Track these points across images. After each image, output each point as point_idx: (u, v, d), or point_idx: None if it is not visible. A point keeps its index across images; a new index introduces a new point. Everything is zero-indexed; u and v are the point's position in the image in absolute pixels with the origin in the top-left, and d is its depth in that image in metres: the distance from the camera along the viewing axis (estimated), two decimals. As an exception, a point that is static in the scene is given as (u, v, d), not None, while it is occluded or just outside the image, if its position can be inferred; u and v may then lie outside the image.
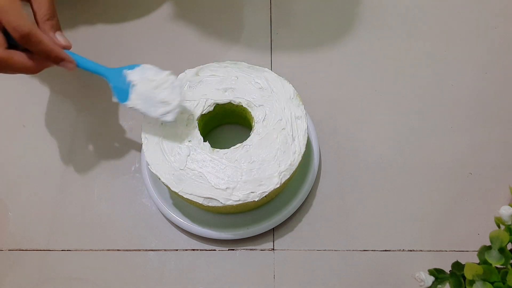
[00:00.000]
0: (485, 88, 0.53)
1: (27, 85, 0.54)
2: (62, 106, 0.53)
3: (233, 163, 0.40)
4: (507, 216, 0.32)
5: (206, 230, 0.44)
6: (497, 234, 0.32)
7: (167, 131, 0.42)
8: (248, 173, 0.40)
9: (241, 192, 0.39)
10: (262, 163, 0.40)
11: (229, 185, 0.39)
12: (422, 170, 0.48)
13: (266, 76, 0.44)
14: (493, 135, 0.50)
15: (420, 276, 0.33)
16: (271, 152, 0.41)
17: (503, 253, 0.31)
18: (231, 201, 0.39)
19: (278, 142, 0.41)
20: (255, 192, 0.39)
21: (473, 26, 0.57)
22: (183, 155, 0.41)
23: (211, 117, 0.45)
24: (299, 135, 0.41)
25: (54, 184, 0.48)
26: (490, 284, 0.30)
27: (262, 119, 0.42)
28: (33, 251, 0.45)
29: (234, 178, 0.40)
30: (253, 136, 0.42)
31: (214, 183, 0.39)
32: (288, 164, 0.40)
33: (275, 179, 0.40)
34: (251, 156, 0.41)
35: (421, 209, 0.46)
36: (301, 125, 0.42)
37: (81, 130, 0.51)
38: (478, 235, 0.45)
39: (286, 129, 0.41)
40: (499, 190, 0.47)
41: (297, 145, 0.41)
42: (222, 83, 0.44)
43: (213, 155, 0.41)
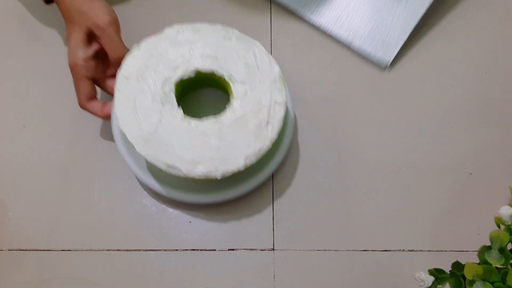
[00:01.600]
0: (485, 88, 0.52)
1: (27, 85, 0.54)
2: (62, 106, 0.53)
3: (203, 137, 0.39)
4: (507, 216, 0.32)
5: (174, 192, 0.44)
6: (497, 234, 0.32)
7: (142, 88, 0.40)
8: (216, 150, 0.39)
9: (205, 167, 0.38)
10: (232, 143, 0.39)
11: (194, 158, 0.38)
12: (422, 170, 0.48)
13: (254, 52, 0.42)
14: (493, 135, 0.50)
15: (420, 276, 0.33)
16: (242, 134, 0.40)
17: (503, 253, 0.31)
18: (194, 174, 0.38)
19: (252, 125, 0.40)
20: (218, 170, 0.38)
21: (473, 26, 0.57)
22: (154, 118, 0.39)
23: (191, 82, 0.43)
24: (274, 122, 0.40)
25: (54, 184, 0.48)
26: (490, 284, 0.30)
27: (241, 97, 0.41)
28: (33, 251, 0.45)
29: (201, 152, 0.39)
30: (228, 113, 0.40)
31: (180, 153, 0.39)
32: (256, 149, 0.39)
33: (240, 161, 0.39)
34: (223, 134, 0.40)
35: (421, 209, 0.46)
36: (279, 112, 0.40)
37: (81, 130, 0.51)
38: (478, 235, 0.45)
39: (263, 113, 0.40)
40: (499, 190, 0.47)
41: (269, 132, 0.40)
42: (208, 49, 0.42)
43: (185, 124, 0.40)
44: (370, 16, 0.52)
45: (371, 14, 0.52)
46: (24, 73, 0.55)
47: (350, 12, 0.52)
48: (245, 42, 0.42)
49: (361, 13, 0.52)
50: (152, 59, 0.41)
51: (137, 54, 0.42)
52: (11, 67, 0.56)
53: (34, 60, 0.56)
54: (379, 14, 0.52)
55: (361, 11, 0.52)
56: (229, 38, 0.42)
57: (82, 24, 0.44)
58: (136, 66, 0.41)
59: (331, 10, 0.52)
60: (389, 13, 0.52)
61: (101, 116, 0.45)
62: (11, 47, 0.57)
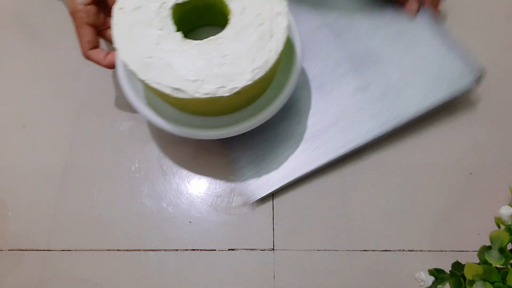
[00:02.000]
0: (485, 88, 0.52)
1: (27, 85, 0.54)
2: (62, 106, 0.53)
3: (204, 55, 0.38)
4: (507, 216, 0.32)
5: (180, 128, 0.42)
6: (497, 234, 0.32)
7: (138, 18, 0.40)
8: (219, 67, 0.38)
9: (210, 85, 0.37)
10: (235, 58, 0.38)
11: (198, 77, 0.37)
12: (422, 170, 0.48)
13: None
14: (493, 135, 0.50)
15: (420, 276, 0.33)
16: (245, 47, 0.38)
17: (503, 253, 0.31)
18: (200, 93, 0.37)
19: (254, 38, 0.39)
20: (226, 86, 0.37)
21: (473, 26, 0.56)
22: (152, 43, 0.39)
23: (187, 11, 0.42)
24: (277, 32, 0.39)
25: (54, 184, 0.48)
26: (490, 284, 0.30)
27: (240, 13, 0.40)
28: (33, 251, 0.45)
29: (204, 70, 0.38)
30: (228, 29, 0.39)
31: (182, 73, 0.38)
32: (262, 61, 0.38)
33: (247, 75, 0.37)
34: (224, 49, 0.39)
35: (421, 209, 0.46)
36: (281, 22, 0.39)
37: (81, 130, 0.51)
38: (478, 235, 0.45)
39: (264, 25, 0.39)
40: (499, 190, 0.47)
41: (274, 43, 0.39)
42: None
43: (184, 45, 0.39)
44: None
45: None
46: (24, 73, 0.55)
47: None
48: None
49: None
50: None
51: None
52: (11, 67, 0.56)
53: (34, 60, 0.56)
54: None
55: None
56: None
57: None
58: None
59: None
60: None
61: (104, 65, 0.45)
62: (11, 47, 0.57)
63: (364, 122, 0.47)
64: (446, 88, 0.46)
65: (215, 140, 0.48)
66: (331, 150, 0.47)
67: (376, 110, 0.47)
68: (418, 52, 0.49)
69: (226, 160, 0.48)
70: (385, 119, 0.47)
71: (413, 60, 0.49)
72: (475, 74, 0.44)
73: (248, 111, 0.44)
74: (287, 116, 0.49)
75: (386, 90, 0.48)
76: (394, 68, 0.49)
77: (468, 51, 0.46)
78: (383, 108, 0.47)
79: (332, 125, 0.48)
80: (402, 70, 0.48)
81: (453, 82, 0.46)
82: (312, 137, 0.48)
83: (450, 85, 0.46)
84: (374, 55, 0.50)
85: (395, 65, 0.49)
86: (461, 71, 0.46)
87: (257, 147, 0.48)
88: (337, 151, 0.46)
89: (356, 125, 0.47)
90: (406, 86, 0.48)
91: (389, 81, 0.48)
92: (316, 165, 0.46)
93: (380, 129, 0.47)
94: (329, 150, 0.47)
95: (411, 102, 0.47)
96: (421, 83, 0.48)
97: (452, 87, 0.46)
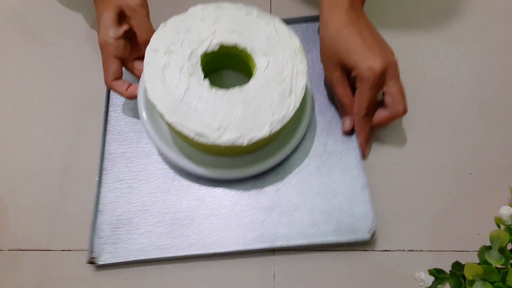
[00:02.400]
0: (485, 88, 0.53)
1: (27, 85, 0.54)
2: (62, 106, 0.53)
3: (229, 105, 0.41)
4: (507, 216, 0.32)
5: (193, 165, 0.45)
6: (497, 234, 0.32)
7: (169, 61, 0.42)
8: (242, 117, 0.40)
9: (232, 134, 0.39)
10: (257, 110, 0.41)
11: (221, 125, 0.40)
12: (422, 170, 0.48)
13: (275, 25, 0.44)
14: (493, 135, 0.50)
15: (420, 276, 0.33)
16: (267, 101, 0.41)
17: (503, 253, 0.31)
18: (221, 140, 0.39)
19: (276, 93, 0.41)
20: (245, 136, 0.40)
21: (473, 26, 0.57)
22: (182, 88, 0.41)
23: (214, 57, 0.44)
24: (296, 90, 0.42)
25: (54, 184, 0.48)
26: (490, 284, 0.30)
27: (264, 67, 0.42)
28: (33, 251, 0.45)
29: (227, 119, 0.40)
30: (253, 82, 0.42)
31: (208, 120, 0.40)
32: (281, 116, 0.41)
33: (266, 127, 0.40)
34: (248, 101, 0.41)
35: (421, 209, 0.46)
36: (301, 81, 0.42)
37: (81, 130, 0.51)
38: (478, 235, 0.45)
39: (286, 82, 0.42)
40: (499, 190, 0.47)
41: (293, 100, 0.41)
42: (231, 24, 0.44)
43: (211, 93, 0.41)
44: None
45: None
46: (24, 73, 0.55)
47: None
48: (266, 18, 0.45)
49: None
50: (178, 34, 0.43)
51: (165, 30, 0.44)
52: (11, 67, 0.56)
53: (34, 60, 0.56)
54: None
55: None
56: (250, 14, 0.44)
57: (113, 3, 0.45)
58: (163, 41, 0.43)
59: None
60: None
61: (126, 96, 0.46)
62: (11, 47, 0.57)
63: (249, 231, 0.44)
64: (343, 233, 0.43)
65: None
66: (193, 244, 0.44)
67: (267, 223, 0.45)
68: (333, 177, 0.46)
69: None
70: (266, 234, 0.44)
71: (326, 183, 0.46)
72: (371, 231, 0.43)
73: (257, 155, 0.46)
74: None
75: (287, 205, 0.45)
76: (307, 184, 0.46)
77: (372, 202, 0.45)
78: (270, 223, 0.44)
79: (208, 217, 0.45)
80: (312, 190, 0.46)
81: (350, 230, 0.44)
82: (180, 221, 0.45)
83: (347, 232, 0.43)
84: (296, 166, 0.47)
85: (310, 182, 0.46)
86: (362, 222, 0.44)
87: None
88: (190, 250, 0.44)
89: (234, 229, 0.44)
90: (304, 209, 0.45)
91: (292, 199, 0.45)
92: (175, 253, 0.44)
93: (251, 245, 0.43)
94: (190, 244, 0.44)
95: (303, 230, 0.44)
96: (322, 213, 0.45)
97: (349, 235, 0.43)
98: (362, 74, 0.43)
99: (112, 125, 0.50)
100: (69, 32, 0.58)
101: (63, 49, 0.56)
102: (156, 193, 0.46)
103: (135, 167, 0.48)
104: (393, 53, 0.46)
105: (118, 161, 0.48)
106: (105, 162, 0.48)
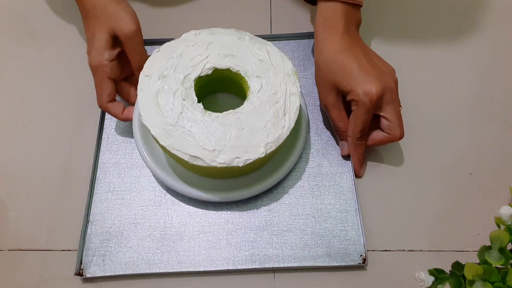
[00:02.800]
0: (485, 88, 0.53)
1: (27, 85, 0.54)
2: (62, 106, 0.53)
3: (223, 127, 0.41)
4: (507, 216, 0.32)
5: (189, 188, 0.44)
6: (497, 234, 0.32)
7: (163, 86, 0.42)
8: (236, 139, 0.40)
9: (227, 155, 0.40)
10: (251, 132, 0.41)
11: (216, 147, 0.40)
12: (422, 170, 0.48)
13: (267, 49, 0.44)
14: (493, 135, 0.50)
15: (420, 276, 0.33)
16: (261, 123, 0.41)
17: (503, 253, 0.31)
18: (216, 162, 0.39)
19: (270, 114, 0.41)
20: (240, 158, 0.40)
21: (473, 26, 0.57)
22: (176, 112, 0.41)
23: (208, 81, 0.44)
24: (290, 111, 0.42)
25: (54, 184, 0.48)
26: (490, 284, 0.30)
27: (258, 90, 0.42)
28: (33, 251, 0.45)
29: (222, 141, 0.40)
30: (247, 104, 0.42)
31: (202, 143, 0.40)
32: (276, 136, 0.41)
33: (261, 148, 0.40)
34: (242, 123, 0.41)
35: (421, 210, 0.46)
36: (294, 102, 0.42)
37: (81, 130, 0.51)
38: (478, 235, 0.45)
39: (279, 103, 0.42)
40: (499, 190, 0.47)
41: (287, 120, 0.41)
42: (223, 48, 0.44)
43: (205, 117, 0.41)
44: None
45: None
46: (24, 73, 0.55)
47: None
48: (258, 42, 0.45)
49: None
50: (172, 60, 0.43)
51: (158, 56, 0.44)
52: (11, 67, 0.56)
53: (34, 60, 0.56)
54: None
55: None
56: (242, 39, 0.45)
57: (107, 25, 0.44)
58: (157, 66, 0.43)
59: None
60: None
61: (121, 119, 0.46)
62: (11, 47, 0.57)
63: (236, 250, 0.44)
64: (334, 257, 0.43)
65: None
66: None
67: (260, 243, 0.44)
68: (326, 200, 0.46)
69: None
70: (256, 254, 0.44)
71: (319, 205, 0.46)
72: (362, 257, 0.43)
73: (252, 177, 0.46)
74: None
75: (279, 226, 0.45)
76: (300, 205, 0.46)
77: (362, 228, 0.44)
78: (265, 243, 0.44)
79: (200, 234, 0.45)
80: (304, 212, 0.45)
81: (342, 254, 0.43)
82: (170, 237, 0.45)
83: (338, 256, 0.43)
84: (289, 186, 0.47)
85: (302, 203, 0.46)
86: (353, 247, 0.43)
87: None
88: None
89: (224, 247, 0.44)
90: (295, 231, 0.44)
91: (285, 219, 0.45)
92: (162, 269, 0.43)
93: (241, 265, 0.43)
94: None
95: (294, 252, 0.43)
96: (314, 236, 0.44)
97: (340, 260, 0.43)
98: (358, 99, 0.43)
99: (106, 134, 0.50)
100: (69, 32, 0.58)
101: (63, 49, 0.56)
102: (147, 206, 0.46)
103: (127, 178, 0.48)
104: (392, 73, 0.45)
105: (111, 171, 0.48)
106: (98, 171, 0.48)
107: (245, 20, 0.58)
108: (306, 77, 0.53)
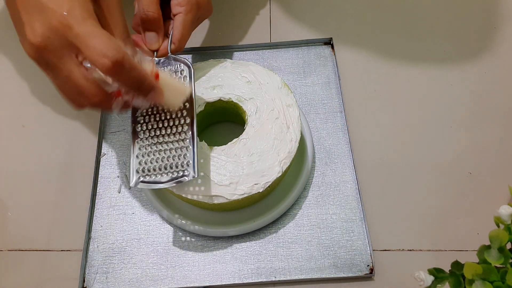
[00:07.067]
0: (485, 88, 0.53)
1: (27, 85, 0.54)
2: (62, 106, 0.53)
3: (233, 158, 0.40)
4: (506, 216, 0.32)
5: (207, 228, 0.43)
6: (496, 233, 0.32)
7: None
8: (249, 166, 0.40)
9: (245, 185, 0.39)
10: (262, 154, 0.40)
11: (232, 180, 0.39)
12: (422, 170, 0.48)
13: (252, 70, 0.44)
14: (492, 135, 0.50)
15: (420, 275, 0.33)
16: (268, 143, 0.41)
17: (502, 253, 0.31)
18: (236, 195, 0.39)
19: (274, 132, 0.41)
20: (259, 183, 0.39)
21: (473, 26, 0.57)
22: None
23: (203, 116, 0.44)
24: (293, 122, 0.42)
25: (54, 184, 0.48)
26: (489, 284, 0.30)
27: (255, 111, 0.42)
28: (33, 251, 0.45)
29: (236, 172, 0.39)
30: (248, 129, 0.42)
31: (217, 180, 0.39)
32: (286, 152, 0.40)
33: (276, 168, 0.40)
34: (250, 149, 0.40)
35: (421, 209, 0.46)
36: (293, 112, 0.42)
37: (81, 130, 0.51)
38: (478, 235, 0.45)
39: (280, 118, 0.42)
40: (498, 189, 0.47)
41: (292, 133, 0.41)
42: (209, 81, 0.44)
43: (212, 153, 0.41)
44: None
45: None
46: (24, 73, 0.55)
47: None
48: (240, 66, 0.45)
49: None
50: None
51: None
52: (11, 67, 0.56)
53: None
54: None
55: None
56: (224, 66, 0.45)
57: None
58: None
59: None
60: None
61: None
62: (10, 47, 0.57)
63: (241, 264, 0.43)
64: (340, 268, 0.42)
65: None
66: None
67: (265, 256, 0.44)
68: (331, 210, 0.45)
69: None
70: (262, 268, 0.43)
71: (324, 215, 0.45)
72: (369, 267, 0.42)
73: (261, 206, 0.45)
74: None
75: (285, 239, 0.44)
76: (305, 216, 0.45)
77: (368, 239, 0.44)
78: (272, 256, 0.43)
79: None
80: (310, 222, 0.45)
81: (348, 265, 0.43)
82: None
83: (345, 267, 0.43)
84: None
85: (307, 214, 0.45)
86: (360, 258, 0.43)
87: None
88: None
89: (228, 263, 0.43)
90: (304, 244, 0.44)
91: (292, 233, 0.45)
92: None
93: (247, 279, 0.42)
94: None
95: (300, 264, 0.43)
96: (320, 247, 0.44)
97: (347, 271, 0.42)
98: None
99: (105, 148, 0.49)
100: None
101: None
102: (150, 221, 0.45)
103: (128, 193, 0.47)
104: None
105: (111, 186, 0.47)
106: (98, 187, 0.47)
107: (245, 29, 0.58)
108: (307, 84, 0.53)
